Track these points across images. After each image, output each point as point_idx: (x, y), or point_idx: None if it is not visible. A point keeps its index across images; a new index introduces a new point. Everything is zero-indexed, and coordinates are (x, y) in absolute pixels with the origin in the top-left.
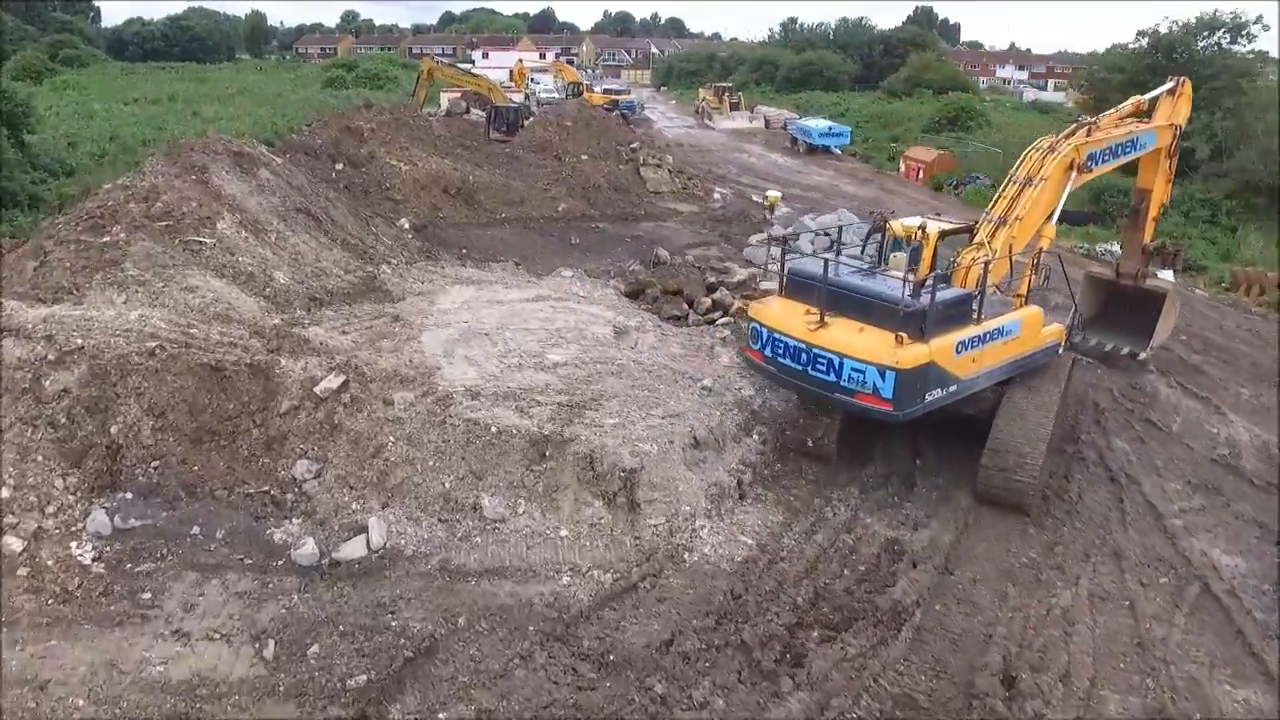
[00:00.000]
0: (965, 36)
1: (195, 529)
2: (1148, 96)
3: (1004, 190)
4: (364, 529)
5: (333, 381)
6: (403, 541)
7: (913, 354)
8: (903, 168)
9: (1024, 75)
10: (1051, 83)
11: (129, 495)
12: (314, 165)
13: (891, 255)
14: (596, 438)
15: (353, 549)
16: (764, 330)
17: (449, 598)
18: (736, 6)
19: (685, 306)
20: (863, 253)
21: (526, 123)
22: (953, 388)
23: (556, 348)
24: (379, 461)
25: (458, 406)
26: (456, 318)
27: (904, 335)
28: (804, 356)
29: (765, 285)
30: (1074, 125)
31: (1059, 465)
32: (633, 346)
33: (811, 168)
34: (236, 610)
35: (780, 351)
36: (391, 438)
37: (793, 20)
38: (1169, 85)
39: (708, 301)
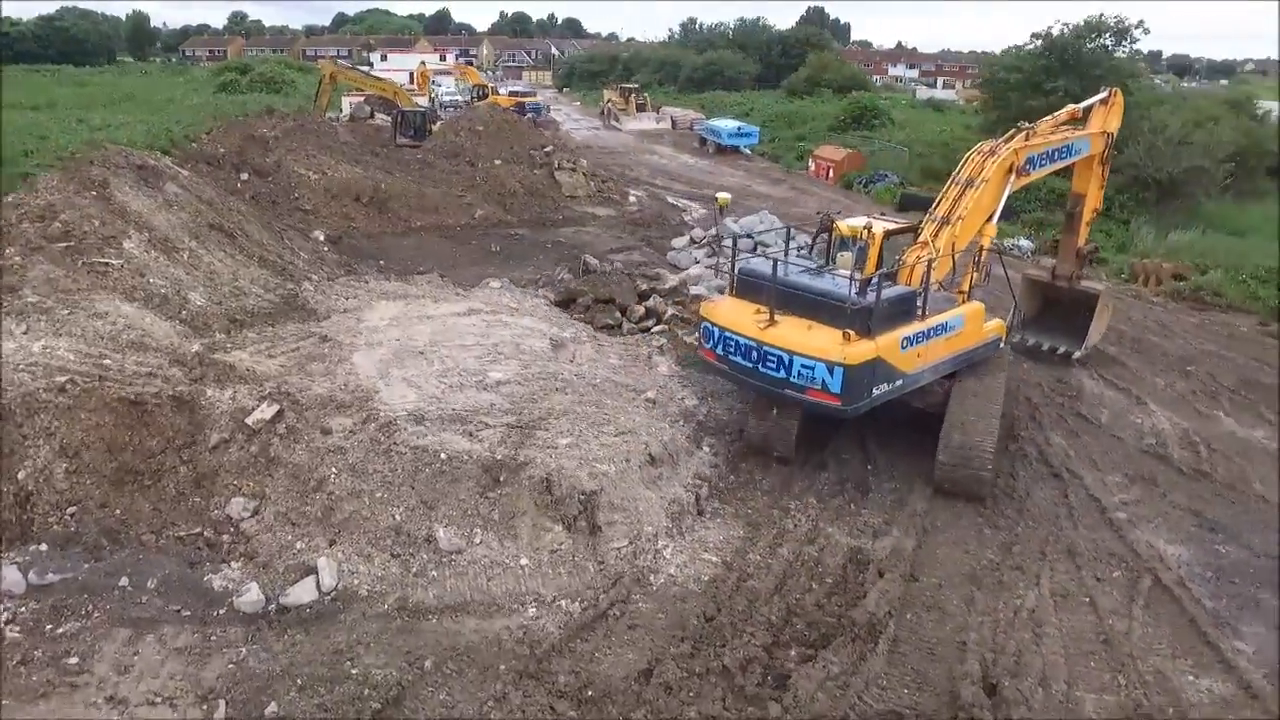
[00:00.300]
0: (855, 36)
1: (123, 580)
2: (1082, 105)
3: (947, 191)
4: (311, 570)
5: (266, 411)
6: (355, 581)
7: (860, 350)
8: (813, 166)
9: (914, 73)
10: (940, 80)
11: (43, 547)
12: (218, 175)
13: (839, 255)
14: (552, 460)
15: (301, 592)
16: (715, 329)
17: (411, 639)
18: (633, 6)
19: (618, 315)
20: (810, 252)
21: (434, 127)
22: (899, 382)
23: (496, 364)
24: (322, 495)
25: (402, 433)
26: (387, 335)
27: (851, 332)
28: (754, 354)
29: (695, 290)
30: (1013, 130)
31: (1004, 463)
32: (571, 360)
33: (723, 168)
34: (178, 669)
35: (732, 350)
36: (334, 469)
37: (692, 21)
38: (1102, 95)
39: (641, 309)
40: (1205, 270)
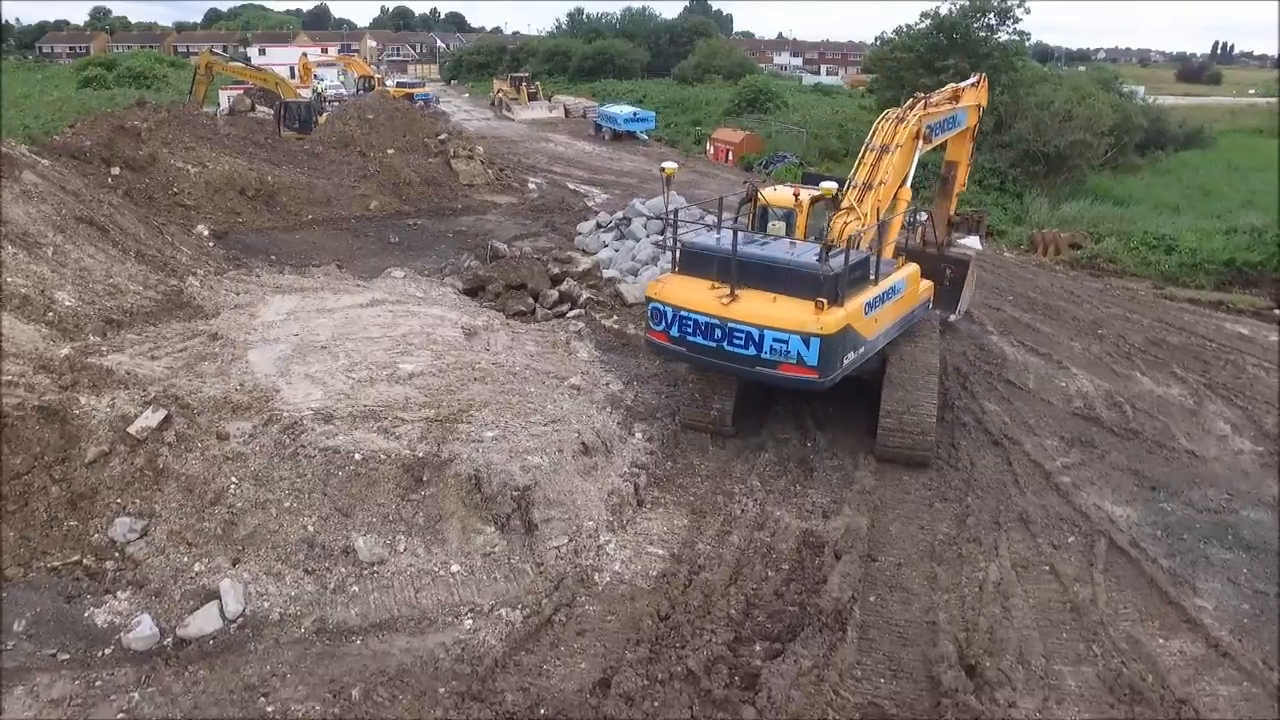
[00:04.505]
0: (737, 27)
1: None
2: (962, 85)
3: (863, 158)
4: (213, 594)
5: (151, 418)
6: (266, 604)
7: (834, 319)
8: (711, 150)
9: (799, 61)
10: (824, 68)
11: None
12: (85, 170)
13: (771, 224)
14: (479, 454)
15: (203, 621)
16: (668, 310)
17: (334, 665)
18: (514, 6)
19: (531, 301)
20: (735, 222)
21: (320, 119)
22: (861, 349)
23: (407, 356)
24: (221, 510)
25: (310, 433)
26: (284, 330)
27: (823, 301)
28: (718, 332)
29: (608, 273)
30: (911, 100)
31: (943, 433)
32: (486, 348)
33: (621, 154)
34: None
35: (690, 330)
36: (234, 479)
37: (579, 11)
38: (972, 80)
39: (554, 294)
40: (1099, 239)
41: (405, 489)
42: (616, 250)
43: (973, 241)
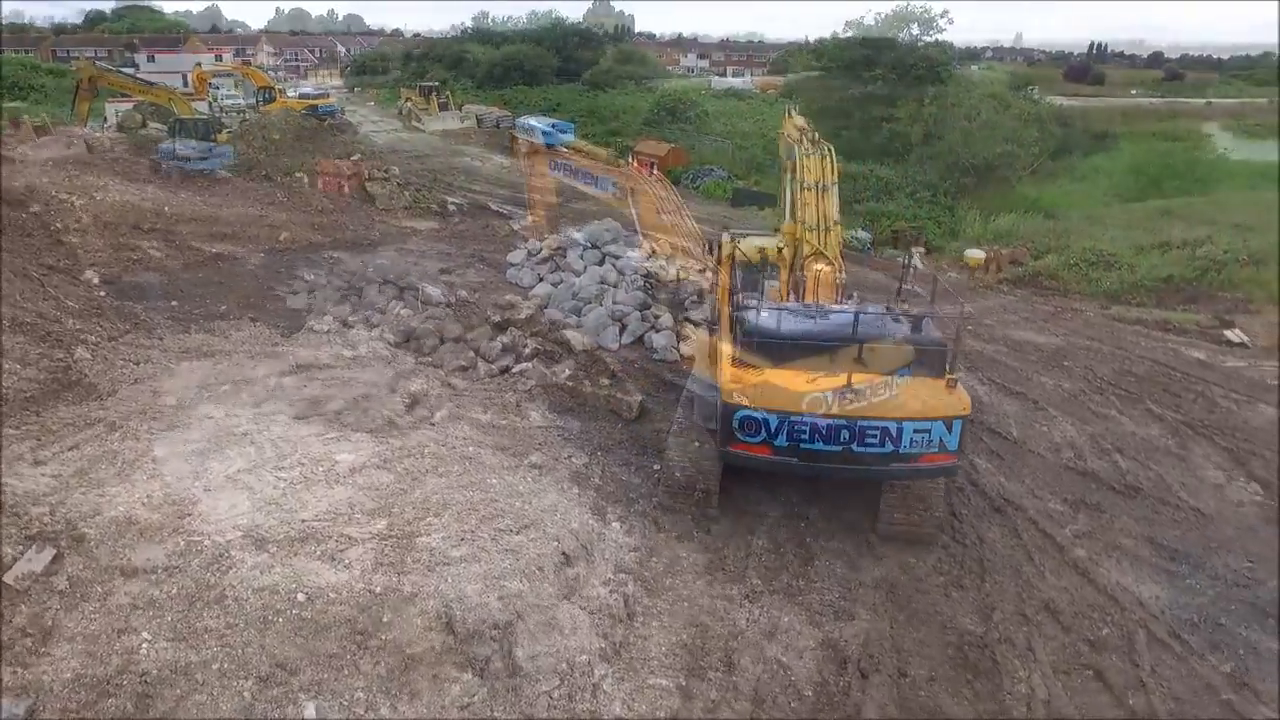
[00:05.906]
0: (638, 28)
1: None
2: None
3: (804, 197)
4: None
5: (35, 560)
6: None
7: (965, 393)
8: (635, 164)
9: (705, 63)
10: (730, 69)
11: None
12: None
13: (768, 285)
14: (448, 584)
15: None
16: (770, 418)
17: None
18: (413, 6)
19: (472, 355)
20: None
21: (220, 137)
22: None
23: (343, 442)
24: (130, 679)
25: (239, 568)
26: (196, 413)
27: (954, 377)
28: (845, 434)
29: (551, 312)
30: (802, 133)
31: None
32: (432, 422)
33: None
34: None
35: (804, 436)
36: (145, 635)
37: (484, 15)
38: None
39: (497, 345)
40: (1039, 255)
41: (362, 634)
42: (555, 285)
43: (915, 258)
